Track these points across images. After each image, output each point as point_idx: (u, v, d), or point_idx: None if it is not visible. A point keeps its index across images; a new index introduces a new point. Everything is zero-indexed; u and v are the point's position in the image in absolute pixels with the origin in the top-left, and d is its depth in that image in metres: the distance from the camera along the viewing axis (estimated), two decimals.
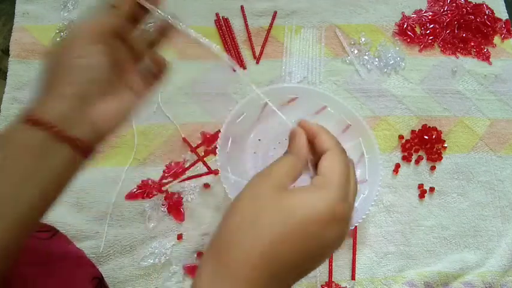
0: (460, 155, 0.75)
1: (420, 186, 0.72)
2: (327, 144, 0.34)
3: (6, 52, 0.76)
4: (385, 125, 0.76)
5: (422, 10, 0.86)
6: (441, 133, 0.75)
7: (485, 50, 0.84)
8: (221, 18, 0.82)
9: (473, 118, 0.78)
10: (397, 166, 0.73)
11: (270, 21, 0.82)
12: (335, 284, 0.64)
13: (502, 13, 0.87)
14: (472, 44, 0.84)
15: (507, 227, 0.71)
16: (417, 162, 0.74)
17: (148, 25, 0.41)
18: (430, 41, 0.83)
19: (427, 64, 0.82)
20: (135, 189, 0.67)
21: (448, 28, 0.85)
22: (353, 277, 0.65)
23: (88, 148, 0.36)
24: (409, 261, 0.67)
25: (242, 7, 0.83)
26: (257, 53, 0.79)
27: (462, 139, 0.76)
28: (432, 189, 0.72)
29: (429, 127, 0.76)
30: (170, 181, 0.68)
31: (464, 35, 0.84)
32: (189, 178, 0.68)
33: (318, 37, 0.82)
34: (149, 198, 0.67)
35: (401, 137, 0.75)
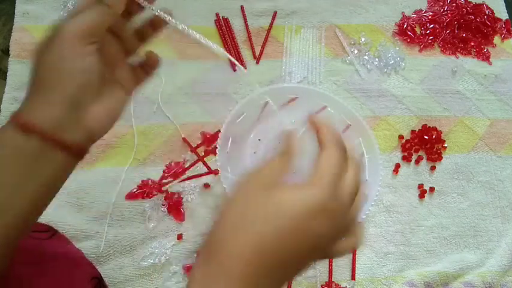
0: (460, 155, 0.75)
1: (420, 186, 0.72)
2: (324, 140, 0.34)
3: (6, 52, 0.76)
4: (385, 125, 0.76)
5: (422, 10, 0.86)
6: (441, 133, 0.75)
7: (485, 50, 0.84)
8: (221, 18, 0.82)
9: (473, 118, 0.78)
10: (397, 166, 0.73)
11: (270, 21, 0.82)
12: (335, 284, 0.64)
13: (502, 13, 0.87)
14: (472, 44, 0.84)
15: (507, 227, 0.71)
16: (417, 162, 0.74)
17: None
18: (430, 41, 0.83)
19: (427, 64, 0.82)
20: (135, 189, 0.67)
21: (448, 28, 0.85)
22: (353, 277, 0.65)
23: (81, 151, 0.36)
24: (409, 261, 0.67)
25: (242, 7, 0.83)
26: (257, 53, 0.79)
27: (462, 139, 0.76)
28: (432, 189, 0.72)
29: (429, 127, 0.76)
30: (170, 181, 0.68)
31: (464, 35, 0.84)
32: (189, 178, 0.68)
33: (318, 37, 0.82)
34: (149, 198, 0.67)
35: (401, 137, 0.75)
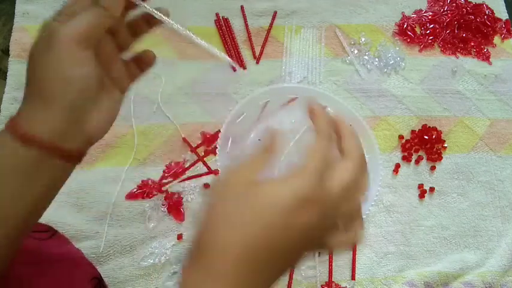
0: (460, 155, 0.75)
1: (420, 186, 0.72)
2: (315, 129, 0.34)
3: (6, 52, 0.75)
4: (385, 125, 0.76)
5: (422, 10, 0.86)
6: (441, 133, 0.75)
7: (485, 50, 0.84)
8: (221, 18, 0.82)
9: (473, 118, 0.78)
10: (397, 166, 0.73)
11: (270, 21, 0.82)
12: (335, 284, 0.64)
13: (502, 13, 0.87)
14: (472, 44, 0.84)
15: (507, 227, 0.71)
16: (417, 162, 0.74)
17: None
18: (430, 41, 0.83)
19: (427, 64, 0.82)
20: (135, 189, 0.67)
21: (448, 28, 0.85)
22: (353, 277, 0.65)
23: (80, 155, 0.36)
24: (409, 261, 0.67)
25: (242, 7, 0.83)
26: (257, 53, 0.79)
27: (462, 139, 0.76)
28: (432, 189, 0.72)
29: (429, 127, 0.76)
30: (170, 181, 0.68)
31: (464, 35, 0.84)
32: (189, 178, 0.68)
33: (318, 37, 0.82)
34: (149, 198, 0.67)
35: (401, 137, 0.75)
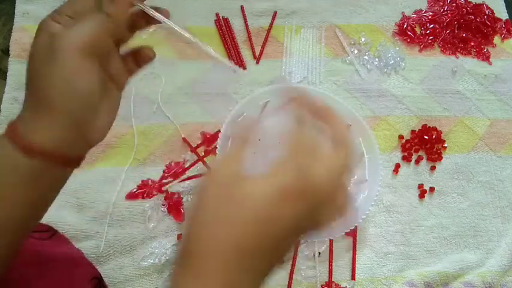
0: (460, 155, 0.75)
1: (420, 186, 0.72)
2: (294, 116, 0.33)
3: (6, 52, 0.75)
4: (385, 125, 0.76)
5: (422, 10, 0.86)
6: (441, 133, 0.75)
7: (485, 50, 0.84)
8: (221, 18, 0.82)
9: (473, 118, 0.78)
10: (397, 166, 0.73)
11: (270, 21, 0.82)
12: (335, 284, 0.64)
13: (502, 13, 0.87)
14: (472, 44, 0.84)
15: (507, 227, 0.71)
16: (417, 162, 0.74)
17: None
18: (430, 41, 0.83)
19: (427, 64, 0.82)
20: (135, 189, 0.67)
21: (448, 28, 0.85)
22: (353, 277, 0.65)
23: (80, 160, 0.36)
24: (409, 261, 0.67)
25: (242, 7, 0.83)
26: (257, 53, 0.79)
27: (462, 139, 0.76)
28: (432, 189, 0.72)
29: (429, 127, 0.76)
30: (170, 181, 0.68)
31: (464, 35, 0.84)
32: (189, 178, 0.68)
33: (318, 37, 0.82)
34: (149, 198, 0.67)
35: (401, 137, 0.75)
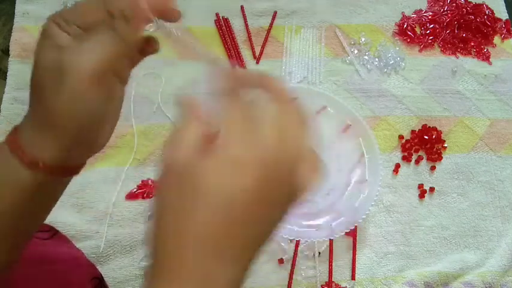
0: (460, 155, 0.75)
1: (420, 186, 0.72)
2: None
3: (6, 52, 0.75)
4: (385, 125, 0.76)
5: (422, 10, 0.86)
6: (441, 133, 0.75)
7: (485, 50, 0.84)
8: (221, 18, 0.82)
9: (473, 118, 0.78)
10: (397, 166, 0.73)
11: (270, 21, 0.82)
12: (335, 284, 0.64)
13: (502, 13, 0.87)
14: (472, 44, 0.84)
15: (507, 227, 0.71)
16: (417, 162, 0.74)
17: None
18: (430, 41, 0.83)
19: (427, 64, 0.82)
20: (135, 189, 0.67)
21: (448, 28, 0.85)
22: (353, 277, 0.65)
23: (82, 166, 0.35)
24: (409, 261, 0.67)
25: (242, 7, 0.83)
26: (257, 53, 0.79)
27: (462, 139, 0.76)
28: (432, 189, 0.72)
29: (429, 127, 0.76)
30: None
31: (464, 35, 0.84)
32: None
33: (318, 37, 0.82)
34: (149, 198, 0.67)
35: (401, 137, 0.75)
